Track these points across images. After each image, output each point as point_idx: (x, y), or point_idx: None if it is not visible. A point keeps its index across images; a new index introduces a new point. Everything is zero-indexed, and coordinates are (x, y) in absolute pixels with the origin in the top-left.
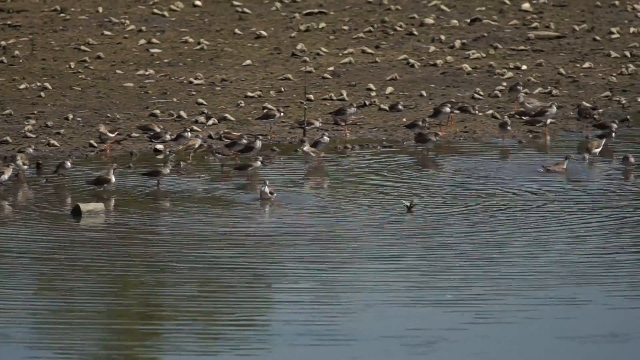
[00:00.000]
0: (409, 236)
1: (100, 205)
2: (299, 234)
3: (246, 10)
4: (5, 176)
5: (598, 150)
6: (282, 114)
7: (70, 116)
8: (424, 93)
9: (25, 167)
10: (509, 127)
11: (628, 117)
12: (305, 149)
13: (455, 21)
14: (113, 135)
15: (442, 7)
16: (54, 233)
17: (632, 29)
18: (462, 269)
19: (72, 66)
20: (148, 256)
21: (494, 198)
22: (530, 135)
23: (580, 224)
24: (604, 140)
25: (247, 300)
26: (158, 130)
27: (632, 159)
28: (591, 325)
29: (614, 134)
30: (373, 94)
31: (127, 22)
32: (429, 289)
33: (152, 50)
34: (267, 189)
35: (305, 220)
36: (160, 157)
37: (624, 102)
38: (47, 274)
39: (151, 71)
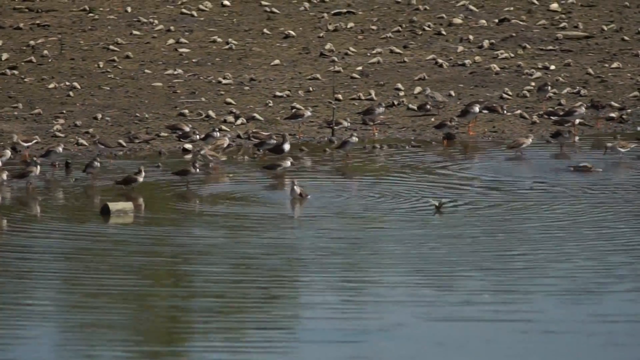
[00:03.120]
0: (438, 236)
1: (129, 205)
2: (326, 235)
3: (274, 10)
4: (34, 174)
5: (625, 150)
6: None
7: (99, 116)
8: (452, 93)
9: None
10: (566, 136)
11: None
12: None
13: (484, 21)
14: (28, 144)
15: (471, 7)
16: (83, 232)
17: None
18: (492, 270)
19: (101, 66)
20: (176, 256)
21: (522, 197)
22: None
23: (609, 223)
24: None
25: (273, 302)
26: (187, 129)
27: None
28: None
29: None
30: (401, 93)
31: (156, 21)
32: (457, 291)
33: (181, 50)
34: (297, 189)
35: (333, 222)
36: (189, 156)
37: None
38: (74, 273)
39: (180, 71)
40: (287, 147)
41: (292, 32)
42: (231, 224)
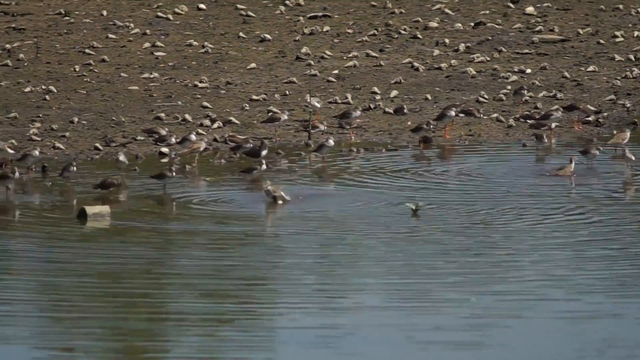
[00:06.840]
0: (414, 239)
1: (105, 208)
2: (302, 237)
3: (250, 13)
4: (13, 178)
5: (625, 141)
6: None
7: (76, 119)
8: (428, 96)
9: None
10: (545, 140)
11: (636, 120)
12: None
13: (460, 25)
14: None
15: (447, 10)
16: (59, 236)
17: (636, 33)
18: (469, 272)
19: (77, 69)
20: (153, 260)
21: (499, 201)
22: (534, 139)
23: (582, 226)
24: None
25: (250, 306)
26: (163, 133)
27: (630, 156)
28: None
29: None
30: (378, 97)
31: (132, 25)
32: (434, 293)
33: (157, 54)
34: (272, 193)
35: (308, 224)
36: (166, 160)
37: (628, 105)
38: (51, 277)
39: (156, 74)
40: (264, 152)
41: (268, 36)
42: (208, 226)
